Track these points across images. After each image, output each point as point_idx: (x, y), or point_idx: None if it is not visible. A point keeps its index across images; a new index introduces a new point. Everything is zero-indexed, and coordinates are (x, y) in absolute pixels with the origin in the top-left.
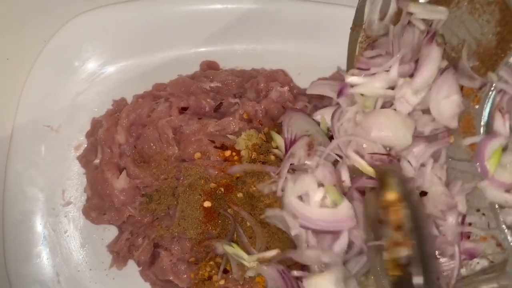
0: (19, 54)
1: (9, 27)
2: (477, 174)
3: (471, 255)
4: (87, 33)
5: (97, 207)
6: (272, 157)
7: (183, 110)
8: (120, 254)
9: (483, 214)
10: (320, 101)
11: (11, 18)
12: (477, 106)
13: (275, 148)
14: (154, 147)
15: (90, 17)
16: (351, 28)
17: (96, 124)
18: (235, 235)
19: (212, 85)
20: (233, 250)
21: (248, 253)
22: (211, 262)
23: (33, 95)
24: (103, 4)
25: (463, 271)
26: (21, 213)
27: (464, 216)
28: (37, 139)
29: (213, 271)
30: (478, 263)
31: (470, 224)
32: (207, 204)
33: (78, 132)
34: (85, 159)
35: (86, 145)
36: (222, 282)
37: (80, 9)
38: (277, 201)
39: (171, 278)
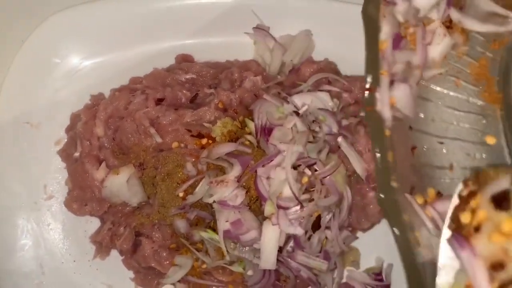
0: None
1: None
2: (486, 130)
3: None
4: (64, 31)
5: (78, 198)
6: (247, 143)
7: (159, 101)
8: (102, 244)
9: None
10: (293, 89)
11: None
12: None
13: (249, 134)
14: (132, 138)
15: (66, 15)
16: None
17: (75, 118)
18: (212, 222)
19: (187, 76)
20: (209, 235)
21: None
22: (193, 248)
23: (12, 93)
24: (79, 2)
25: None
26: (4, 209)
27: None
28: (18, 136)
29: (195, 257)
30: None
31: None
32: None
33: (58, 128)
34: (65, 153)
35: (66, 140)
36: (204, 266)
37: (56, 7)
38: None
39: (153, 265)
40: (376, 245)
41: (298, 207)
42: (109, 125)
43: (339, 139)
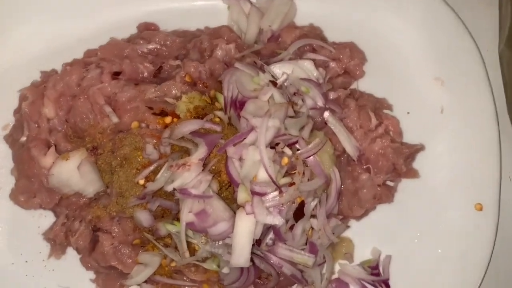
0: None
1: None
2: None
3: None
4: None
5: (26, 189)
6: (217, 119)
7: (116, 75)
8: (56, 241)
9: None
10: (272, 57)
11: None
12: None
13: (220, 110)
14: (87, 119)
15: None
16: None
17: (23, 99)
18: (179, 213)
19: (150, 47)
20: (176, 228)
21: None
22: (160, 244)
23: None
24: None
25: None
26: None
27: None
28: None
29: (163, 254)
30: None
31: None
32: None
33: (6, 111)
34: (11, 138)
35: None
36: (173, 264)
37: None
38: None
39: (114, 263)
40: (372, 235)
41: (276, 193)
42: (60, 104)
43: (326, 114)
